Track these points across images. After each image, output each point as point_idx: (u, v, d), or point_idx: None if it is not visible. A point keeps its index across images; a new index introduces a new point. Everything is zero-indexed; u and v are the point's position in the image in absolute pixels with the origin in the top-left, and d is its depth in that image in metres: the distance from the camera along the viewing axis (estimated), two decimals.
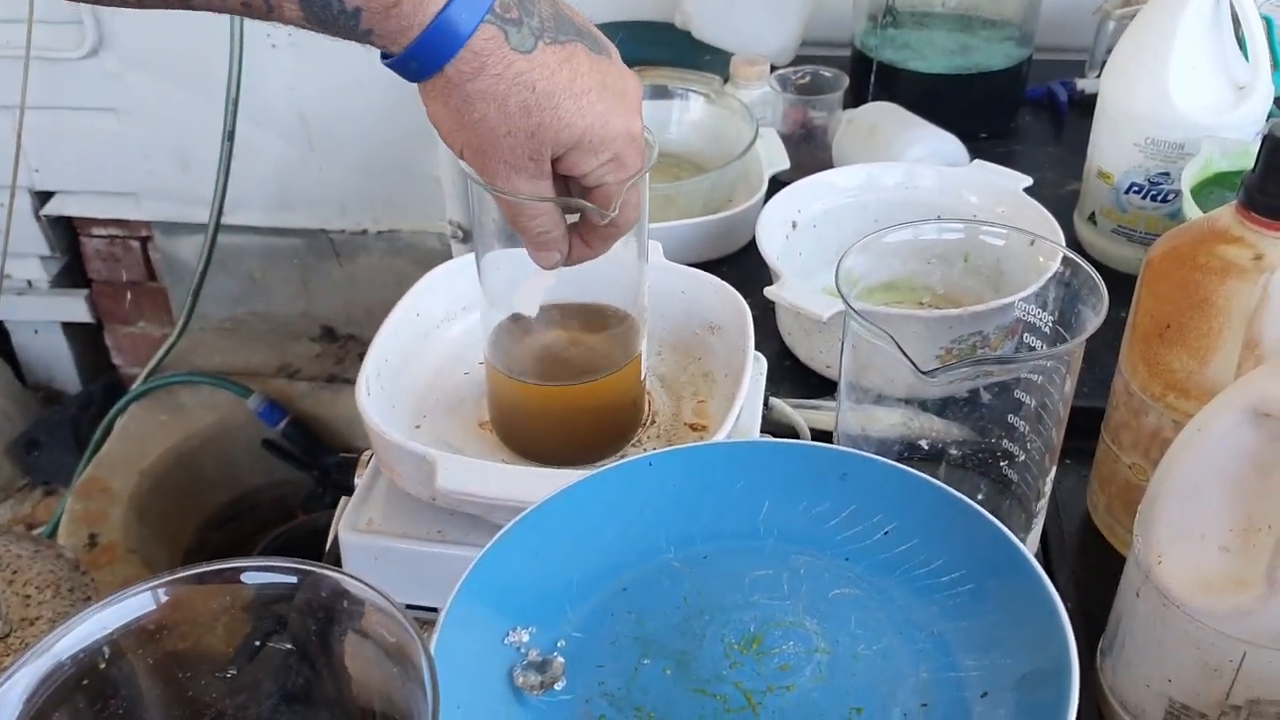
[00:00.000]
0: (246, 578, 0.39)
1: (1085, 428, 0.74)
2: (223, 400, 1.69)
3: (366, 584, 0.38)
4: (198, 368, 1.74)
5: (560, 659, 0.45)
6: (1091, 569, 0.71)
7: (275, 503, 1.71)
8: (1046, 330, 0.64)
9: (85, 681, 0.38)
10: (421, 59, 0.51)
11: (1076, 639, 0.65)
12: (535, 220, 0.56)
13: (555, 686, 0.44)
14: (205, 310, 1.75)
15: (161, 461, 1.63)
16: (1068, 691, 0.39)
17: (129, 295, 1.84)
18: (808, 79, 1.12)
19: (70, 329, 1.88)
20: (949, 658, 0.43)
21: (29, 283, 1.80)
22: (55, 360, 1.91)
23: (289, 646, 0.40)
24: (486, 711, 0.42)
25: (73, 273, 1.82)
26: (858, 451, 0.51)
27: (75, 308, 1.84)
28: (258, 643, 0.40)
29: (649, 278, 0.67)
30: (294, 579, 0.39)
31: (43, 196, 1.73)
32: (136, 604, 0.38)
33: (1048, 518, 0.71)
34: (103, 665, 0.38)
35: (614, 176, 0.56)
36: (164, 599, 0.38)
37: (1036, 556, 0.69)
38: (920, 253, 0.73)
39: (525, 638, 0.45)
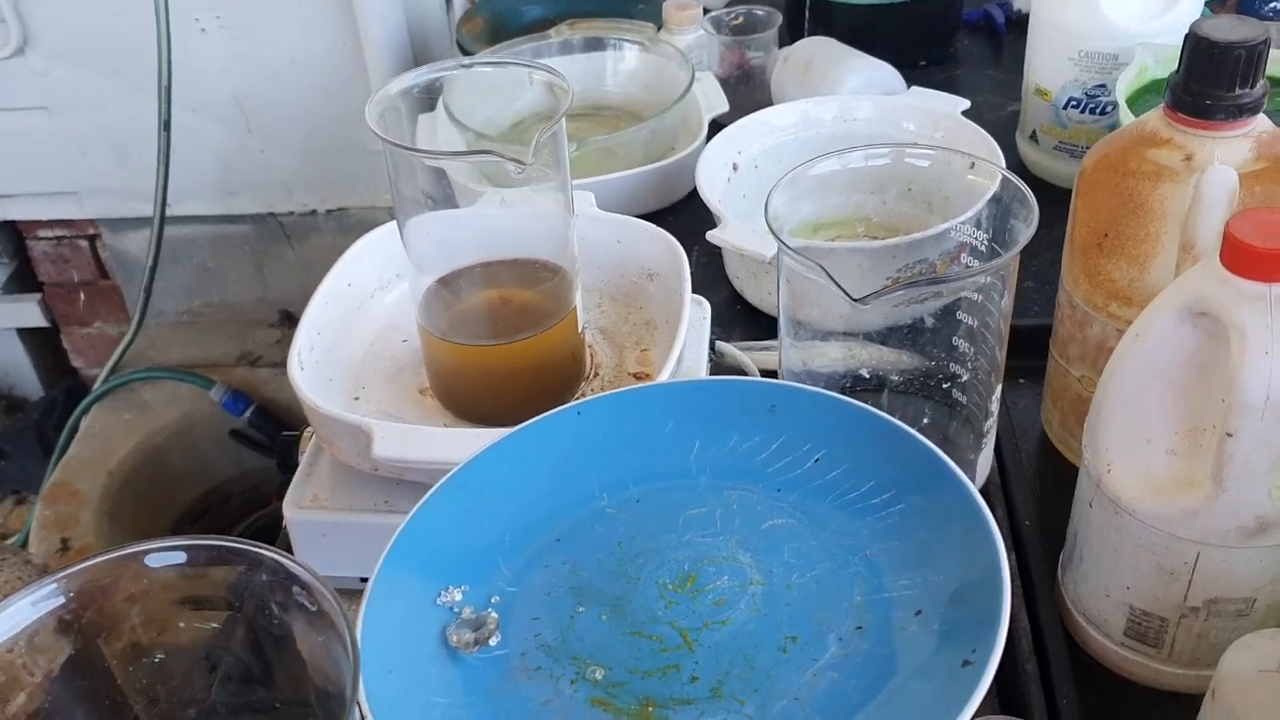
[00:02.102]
0: (150, 560, 0.38)
1: (1037, 346, 0.74)
2: (186, 394, 1.68)
3: (282, 553, 0.38)
4: (158, 363, 1.72)
5: (494, 615, 0.44)
6: (1049, 486, 0.72)
7: (248, 492, 1.70)
8: (983, 249, 0.64)
9: (11, 675, 0.37)
10: None
11: (1037, 556, 0.65)
12: None
13: (490, 642, 0.43)
14: (161, 305, 1.72)
15: (129, 460, 1.61)
16: (1000, 600, 0.38)
17: (82, 296, 1.81)
18: (741, 19, 1.11)
19: (26, 335, 1.85)
20: (882, 579, 0.43)
21: None
22: (14, 368, 1.88)
23: (214, 625, 0.39)
24: (419, 673, 0.42)
25: (23, 277, 1.80)
26: (784, 383, 0.51)
27: (29, 313, 1.81)
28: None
29: (581, 229, 0.66)
30: (185, 556, 0.38)
31: None
32: (43, 597, 0.37)
33: (1004, 438, 0.71)
34: (20, 661, 0.37)
35: None
36: (72, 591, 0.38)
37: (991, 476, 0.69)
38: (860, 186, 0.72)
39: (458, 597, 0.45)
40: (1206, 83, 0.59)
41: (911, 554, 0.43)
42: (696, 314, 0.71)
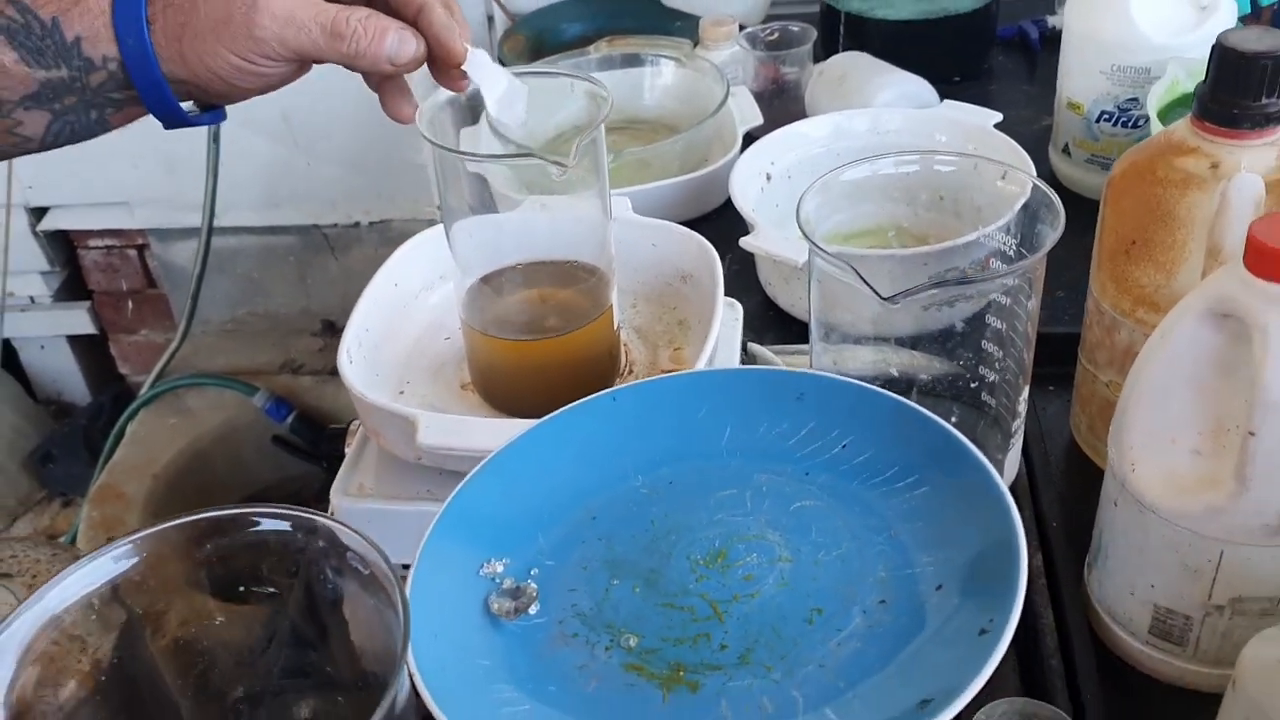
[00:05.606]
0: (210, 526, 0.40)
1: (1068, 354, 0.75)
2: (229, 400, 1.71)
3: (337, 520, 0.40)
4: (203, 370, 1.75)
5: (533, 585, 0.46)
6: (1077, 489, 0.72)
7: (288, 497, 1.72)
8: (1011, 254, 0.65)
9: (77, 633, 0.39)
10: None
11: (1064, 556, 0.66)
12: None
13: (529, 611, 0.45)
14: (206, 313, 1.76)
15: (173, 464, 1.65)
16: (1016, 572, 0.40)
17: (130, 304, 1.86)
18: (776, 35, 1.13)
19: (75, 341, 1.90)
20: (905, 556, 0.45)
21: (31, 299, 1.82)
22: (63, 374, 1.93)
23: (271, 590, 0.42)
24: (463, 638, 0.44)
25: (73, 286, 1.84)
26: (813, 371, 0.53)
27: (79, 320, 1.86)
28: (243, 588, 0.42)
29: (617, 232, 0.68)
30: (243, 522, 0.40)
31: (38, 212, 1.75)
32: (118, 557, 0.40)
33: (1033, 443, 0.71)
34: (93, 617, 0.39)
35: None
36: (145, 552, 0.40)
37: (1019, 480, 0.70)
38: (893, 196, 0.74)
39: (499, 569, 0.47)
40: (1233, 92, 0.60)
41: (934, 533, 0.45)
42: (729, 315, 0.73)
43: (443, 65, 0.54)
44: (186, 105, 0.53)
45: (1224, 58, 0.60)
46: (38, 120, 0.50)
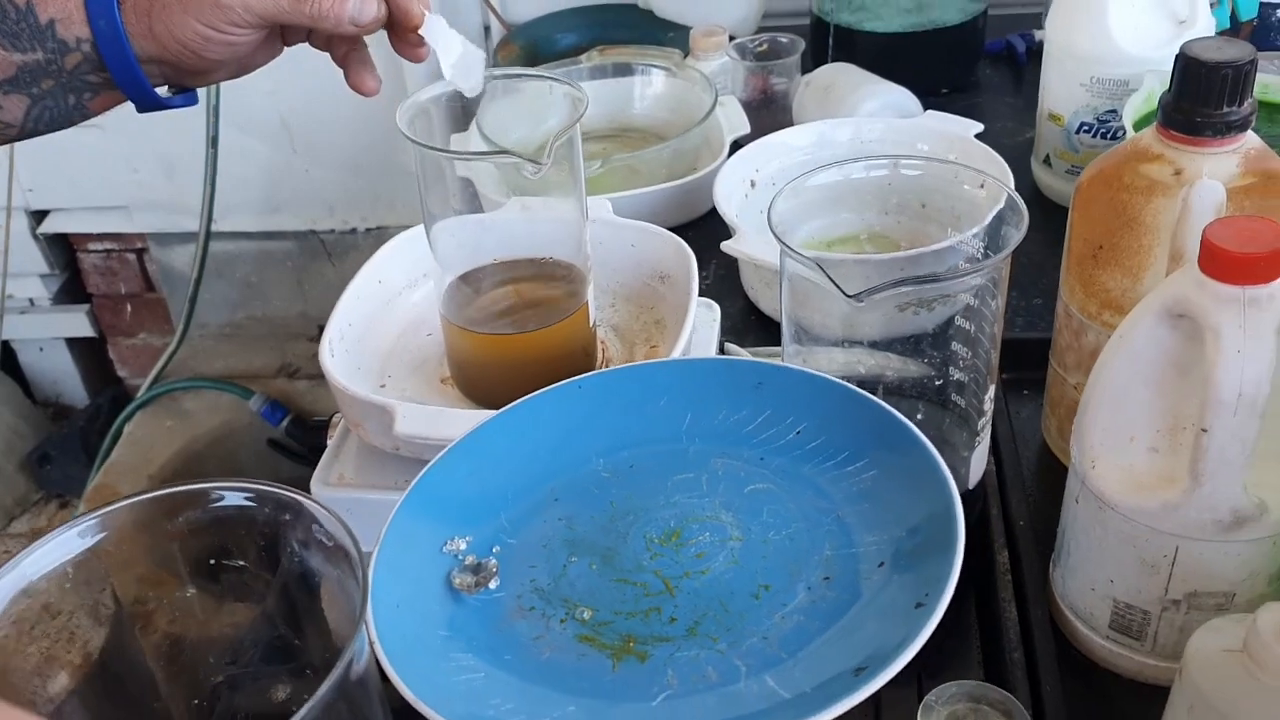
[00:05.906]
0: (177, 500, 0.42)
1: (1042, 358, 0.76)
2: (226, 403, 1.73)
3: (300, 492, 0.41)
4: (200, 373, 1.77)
5: (494, 562, 0.48)
6: (1046, 491, 0.74)
7: None
8: (980, 256, 0.67)
9: (50, 602, 0.41)
10: None
11: (1030, 554, 0.67)
12: None
13: (490, 585, 0.47)
14: (204, 317, 1.78)
15: (169, 466, 1.66)
16: (953, 551, 0.41)
17: (129, 307, 1.88)
18: (766, 46, 1.15)
19: (74, 344, 1.91)
20: (850, 536, 0.46)
21: (31, 301, 1.84)
22: (61, 376, 1.94)
23: (241, 563, 0.43)
24: (425, 609, 0.45)
25: (73, 289, 1.86)
26: (771, 362, 0.54)
27: (77, 323, 1.87)
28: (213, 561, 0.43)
29: (597, 233, 0.69)
30: (210, 497, 0.42)
31: (38, 215, 1.77)
32: (86, 531, 0.41)
33: (1004, 445, 0.73)
34: (68, 586, 0.41)
35: None
36: (114, 526, 0.41)
37: (989, 480, 0.71)
38: (871, 204, 0.75)
39: (463, 545, 0.49)
40: (1196, 101, 0.62)
41: (879, 515, 0.47)
42: (706, 316, 0.74)
43: (400, 29, 0.56)
44: (162, 90, 0.55)
45: (1187, 67, 0.61)
46: (16, 105, 0.51)
